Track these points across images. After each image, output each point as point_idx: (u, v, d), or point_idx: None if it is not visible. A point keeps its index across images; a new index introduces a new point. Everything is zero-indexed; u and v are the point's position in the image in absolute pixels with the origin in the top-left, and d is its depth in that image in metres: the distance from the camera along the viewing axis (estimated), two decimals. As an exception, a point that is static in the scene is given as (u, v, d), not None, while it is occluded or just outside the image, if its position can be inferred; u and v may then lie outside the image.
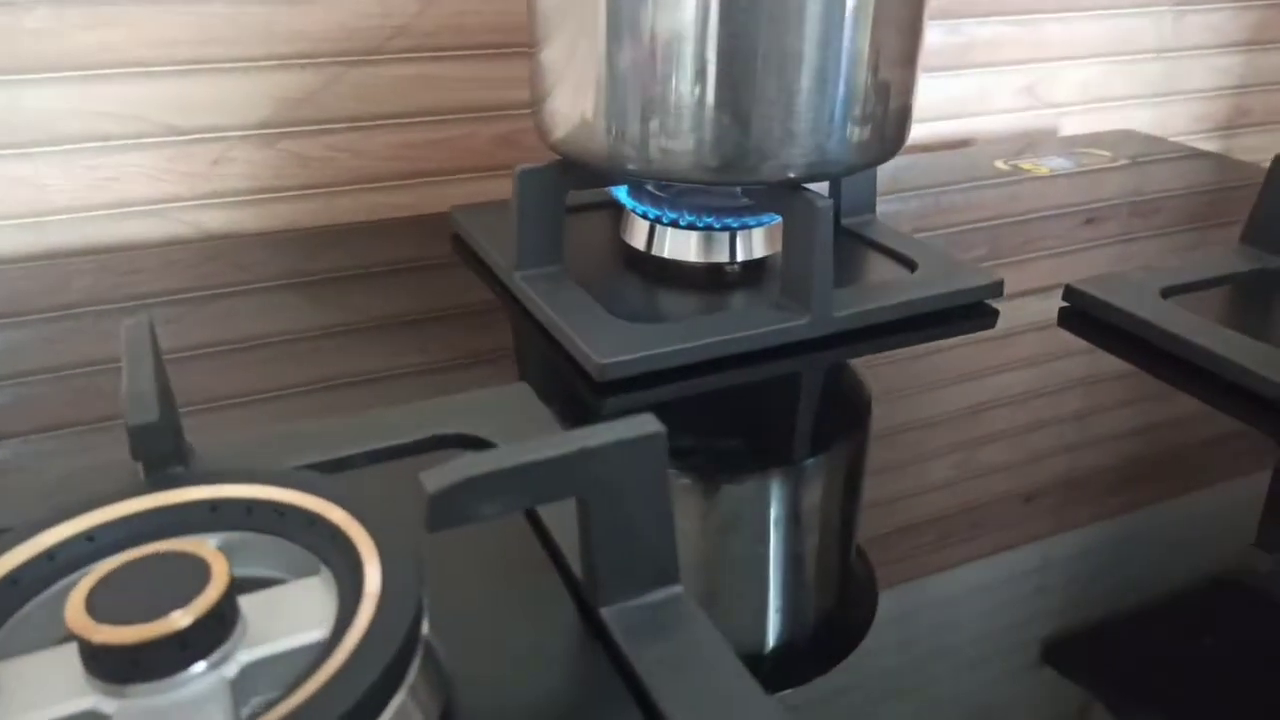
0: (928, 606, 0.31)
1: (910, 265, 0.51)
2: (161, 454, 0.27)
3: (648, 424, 0.26)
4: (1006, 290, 0.50)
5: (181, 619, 0.21)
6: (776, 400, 0.42)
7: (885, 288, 0.49)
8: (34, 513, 0.25)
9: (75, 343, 0.45)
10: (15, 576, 0.24)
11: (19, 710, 0.21)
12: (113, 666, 0.21)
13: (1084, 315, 0.49)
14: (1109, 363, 0.45)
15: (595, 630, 0.27)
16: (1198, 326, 0.45)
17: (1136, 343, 0.46)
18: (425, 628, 0.24)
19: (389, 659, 0.21)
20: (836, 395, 0.44)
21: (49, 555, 0.24)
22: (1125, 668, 0.29)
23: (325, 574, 0.25)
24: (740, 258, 0.50)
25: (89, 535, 0.25)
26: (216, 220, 0.60)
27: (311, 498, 0.26)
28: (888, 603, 0.31)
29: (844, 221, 0.56)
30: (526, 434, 0.35)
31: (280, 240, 0.57)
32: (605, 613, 0.27)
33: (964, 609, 0.31)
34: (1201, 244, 0.59)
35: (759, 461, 0.38)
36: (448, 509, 0.24)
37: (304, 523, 0.26)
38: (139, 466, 0.28)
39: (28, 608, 0.24)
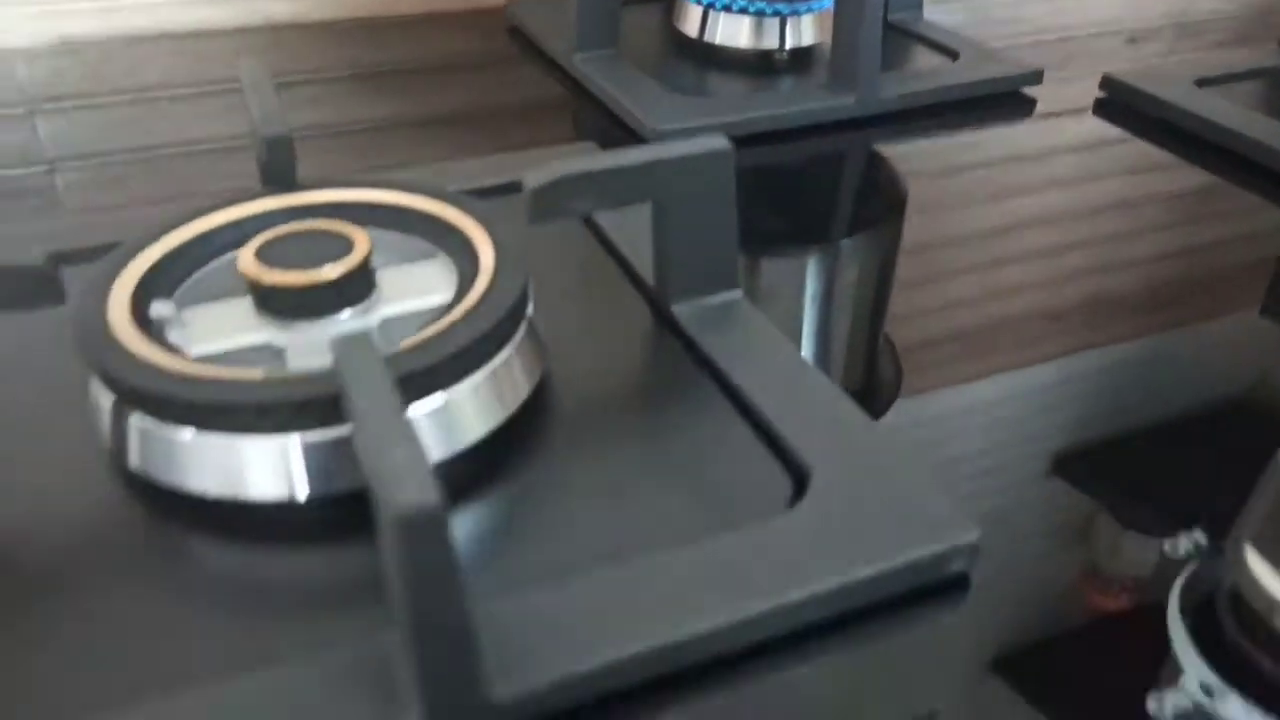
0: (945, 415, 0.32)
1: (953, 55, 0.53)
2: (288, 167, 0.30)
3: (718, 141, 0.30)
4: (1045, 98, 0.52)
5: (334, 270, 0.25)
6: (819, 179, 0.45)
7: (929, 73, 0.51)
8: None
9: (154, 124, 0.48)
10: (180, 251, 0.28)
11: (207, 341, 0.25)
12: (282, 306, 0.25)
13: (1120, 105, 0.51)
14: (1143, 151, 0.47)
15: (668, 326, 0.31)
16: (1230, 112, 0.47)
17: (1170, 130, 0.48)
18: (530, 308, 0.28)
19: (507, 308, 0.26)
20: (876, 182, 0.46)
21: (203, 239, 0.28)
22: (1134, 480, 0.30)
23: (443, 258, 0.29)
24: (789, 44, 0.52)
25: (237, 224, 0.29)
26: (282, 9, 0.62)
27: (426, 199, 0.30)
28: (907, 406, 0.32)
29: (890, 17, 0.57)
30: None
31: (342, 30, 0.59)
32: (676, 309, 0.31)
33: (980, 419, 0.32)
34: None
35: (797, 238, 0.41)
36: (546, 203, 0.28)
37: (420, 219, 0.29)
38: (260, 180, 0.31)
39: (189, 280, 0.28)
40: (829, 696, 0.22)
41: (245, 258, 0.26)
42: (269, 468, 0.24)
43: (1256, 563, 0.22)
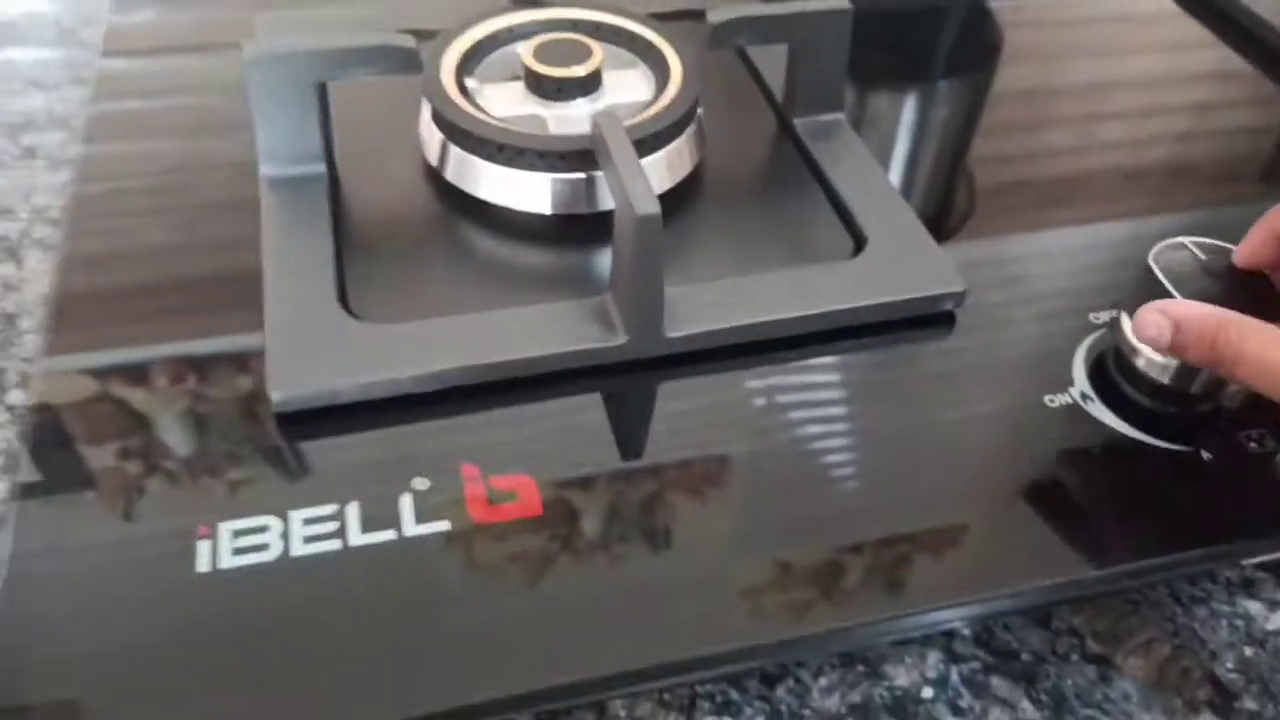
0: (1011, 260, 0.41)
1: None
2: (540, -14, 0.44)
3: (842, 2, 0.42)
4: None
5: (581, 70, 0.39)
6: (926, 26, 0.56)
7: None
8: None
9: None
10: (478, 44, 0.42)
11: (499, 107, 0.40)
12: (546, 90, 0.40)
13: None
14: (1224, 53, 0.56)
15: (788, 132, 0.45)
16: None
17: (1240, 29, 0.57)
18: (700, 109, 0.42)
19: (688, 107, 0.40)
20: (976, 32, 0.57)
21: (491, 36, 0.42)
22: None
23: (642, 67, 0.42)
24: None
25: (510, 28, 0.43)
26: None
27: (634, 22, 0.43)
28: (977, 249, 0.41)
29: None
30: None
31: None
32: (796, 122, 0.44)
33: (1045, 267, 0.40)
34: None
35: (901, 74, 0.52)
36: (723, 35, 0.41)
37: (628, 35, 0.43)
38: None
39: (484, 63, 0.42)
40: (853, 369, 0.37)
41: (526, 55, 0.40)
42: (532, 190, 0.39)
43: (1125, 324, 0.36)
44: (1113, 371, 0.37)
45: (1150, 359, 0.35)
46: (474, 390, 0.34)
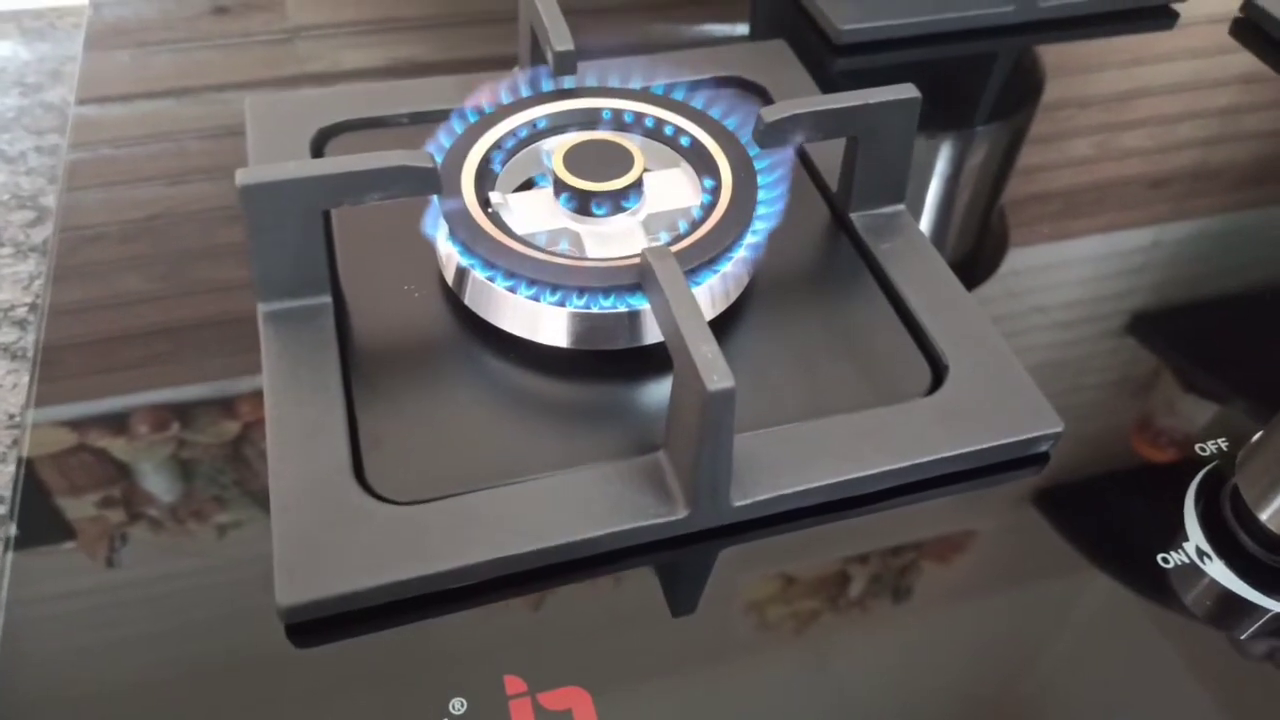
0: (1037, 268, 0.40)
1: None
2: (569, 73, 0.39)
3: (909, 90, 0.37)
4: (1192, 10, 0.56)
5: (619, 183, 0.34)
6: (974, 73, 0.52)
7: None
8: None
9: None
10: (498, 144, 0.37)
11: (526, 223, 0.35)
12: (581, 204, 0.35)
13: (1255, 28, 0.55)
14: (1266, 73, 0.53)
15: (844, 229, 0.40)
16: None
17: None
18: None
19: (744, 225, 0.35)
20: (1021, 75, 0.53)
21: (512, 134, 0.37)
22: (1202, 348, 0.36)
23: (685, 166, 0.37)
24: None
25: (532, 123, 0.38)
26: None
27: (672, 114, 0.38)
28: (1011, 257, 0.41)
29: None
30: (790, 82, 0.46)
31: None
32: (853, 217, 0.40)
33: (1069, 274, 0.40)
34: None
35: (946, 122, 0.48)
36: (774, 134, 0.36)
37: (667, 128, 0.38)
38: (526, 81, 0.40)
39: (509, 164, 0.37)
40: (942, 523, 0.32)
41: (557, 164, 0.35)
42: (567, 326, 0.34)
43: (1246, 476, 0.31)
44: (1232, 523, 0.32)
45: (1277, 511, 0.31)
46: (512, 579, 0.30)
